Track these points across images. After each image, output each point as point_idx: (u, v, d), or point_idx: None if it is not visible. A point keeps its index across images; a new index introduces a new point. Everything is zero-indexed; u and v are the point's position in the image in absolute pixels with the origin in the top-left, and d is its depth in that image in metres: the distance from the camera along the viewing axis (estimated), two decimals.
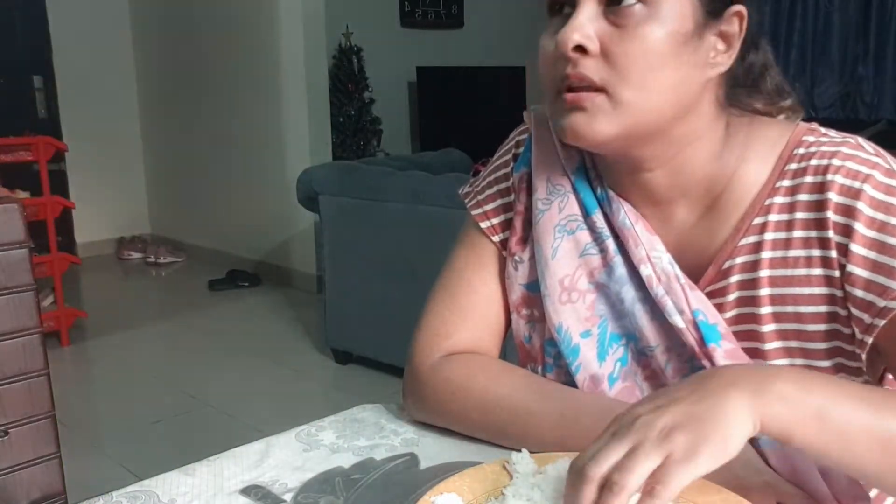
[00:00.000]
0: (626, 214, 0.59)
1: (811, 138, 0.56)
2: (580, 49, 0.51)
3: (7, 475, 0.98)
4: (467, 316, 0.66)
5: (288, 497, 0.55)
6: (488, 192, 0.68)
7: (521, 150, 0.67)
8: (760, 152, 0.57)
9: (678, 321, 0.56)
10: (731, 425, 0.39)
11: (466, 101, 4.15)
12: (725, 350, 0.55)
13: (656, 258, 0.57)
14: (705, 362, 0.55)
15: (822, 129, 0.57)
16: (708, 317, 0.55)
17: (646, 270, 0.57)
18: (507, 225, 0.66)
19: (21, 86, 3.67)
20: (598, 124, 0.52)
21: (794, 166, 0.55)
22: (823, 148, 0.54)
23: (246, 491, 0.56)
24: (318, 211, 2.42)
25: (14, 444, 0.97)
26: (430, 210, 2.12)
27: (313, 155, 3.29)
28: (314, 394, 2.38)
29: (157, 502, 0.55)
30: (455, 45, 4.26)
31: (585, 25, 0.50)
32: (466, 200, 0.69)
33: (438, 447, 0.62)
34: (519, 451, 0.50)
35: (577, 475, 0.40)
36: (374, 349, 2.40)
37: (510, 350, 0.69)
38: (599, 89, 0.51)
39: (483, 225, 0.67)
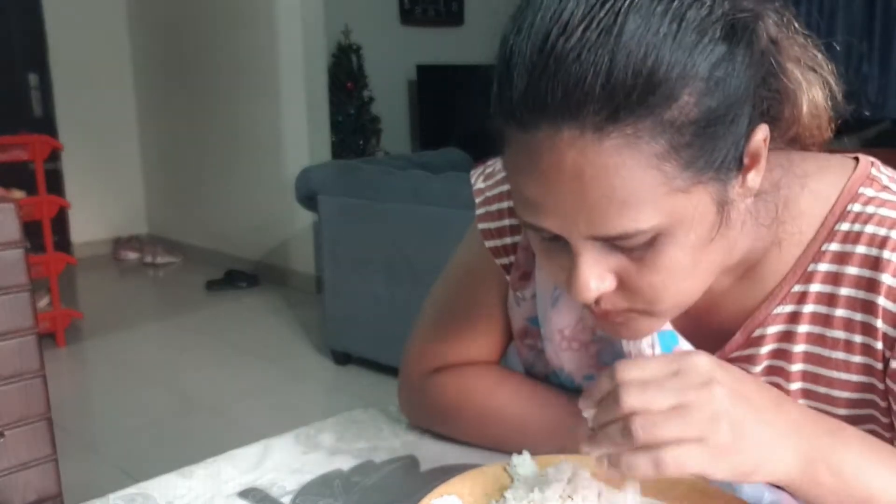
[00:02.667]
0: None
1: (870, 191, 0.48)
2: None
3: (2, 477, 0.97)
4: (465, 328, 0.62)
5: (286, 500, 0.54)
6: (498, 205, 0.60)
7: None
8: (803, 209, 0.48)
9: None
10: (767, 465, 0.39)
11: (467, 99, 4.15)
12: None
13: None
14: None
15: (885, 177, 0.49)
16: None
17: (626, 346, 0.53)
18: (513, 248, 0.60)
19: (17, 84, 3.66)
20: (643, 330, 0.47)
21: (846, 227, 0.47)
22: (883, 211, 0.47)
23: (244, 493, 0.55)
24: (318, 211, 2.42)
25: (9, 447, 0.96)
26: (430, 210, 2.11)
27: (312, 154, 3.28)
28: (313, 395, 2.37)
29: None
30: (455, 43, 4.25)
31: (598, 268, 0.42)
32: (477, 200, 0.61)
33: (438, 449, 0.61)
34: (520, 453, 0.49)
35: (615, 391, 0.39)
36: (373, 350, 2.39)
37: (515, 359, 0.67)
38: (627, 310, 0.45)
39: (489, 244, 0.61)
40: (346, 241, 2.36)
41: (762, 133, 0.42)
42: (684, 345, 0.53)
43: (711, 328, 0.53)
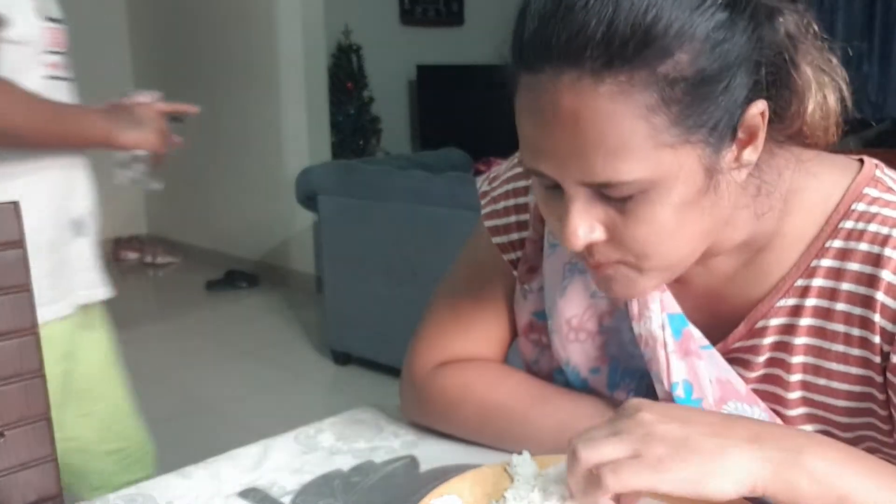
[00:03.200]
0: None
1: (874, 192, 0.49)
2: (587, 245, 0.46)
3: (3, 477, 0.97)
4: (469, 327, 0.63)
5: (286, 499, 0.54)
6: (504, 203, 0.62)
7: None
8: (807, 205, 0.50)
9: (658, 389, 0.53)
10: (719, 474, 0.39)
11: (467, 99, 4.15)
12: None
13: (647, 318, 0.53)
14: None
15: (889, 179, 0.50)
16: (694, 389, 0.52)
17: (636, 328, 0.54)
18: (521, 244, 0.62)
19: None
20: (635, 287, 0.48)
21: (849, 224, 0.49)
22: (886, 211, 0.48)
23: (244, 493, 0.55)
24: (318, 211, 2.42)
25: (9, 446, 0.96)
26: (430, 210, 2.12)
27: (312, 154, 3.28)
28: (313, 395, 2.38)
29: None
30: (455, 43, 4.26)
31: (584, 221, 0.44)
32: (482, 202, 0.64)
33: (438, 449, 0.61)
34: (520, 453, 0.49)
35: (571, 451, 0.42)
36: (373, 350, 2.39)
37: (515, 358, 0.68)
38: (619, 262, 0.47)
39: (496, 240, 0.62)
40: (346, 241, 2.36)
41: (760, 107, 0.44)
42: (693, 330, 0.53)
43: (716, 317, 0.54)
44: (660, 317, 0.53)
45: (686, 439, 0.40)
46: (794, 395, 0.52)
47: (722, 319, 0.54)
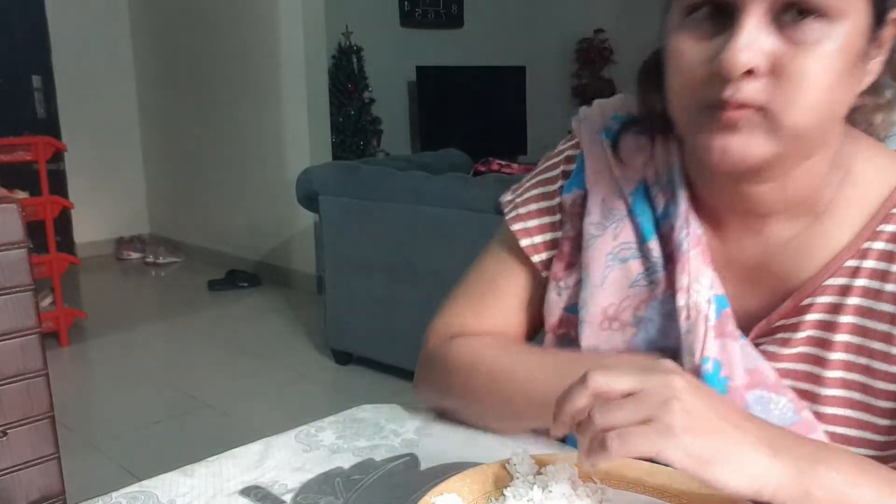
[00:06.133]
0: (688, 237, 0.54)
1: None
2: (748, 71, 0.44)
3: (6, 476, 0.98)
4: (486, 302, 0.65)
5: (288, 498, 0.55)
6: (532, 206, 0.63)
7: (572, 167, 0.62)
8: (866, 179, 0.52)
9: (685, 363, 0.53)
10: (728, 464, 0.38)
11: (467, 101, 4.15)
12: None
13: (695, 291, 0.53)
14: None
15: None
16: (723, 368, 0.52)
17: (681, 300, 0.54)
18: (550, 245, 0.63)
19: (20, 86, 3.67)
20: (754, 147, 0.46)
21: None
22: None
23: (245, 492, 0.56)
24: (318, 211, 2.42)
25: (13, 445, 0.97)
26: (430, 210, 2.12)
27: (313, 155, 3.28)
28: (314, 394, 2.38)
29: (157, 503, 0.54)
30: (455, 45, 4.26)
31: (755, 42, 0.44)
32: (506, 210, 0.65)
33: (439, 448, 0.62)
34: (519, 452, 0.50)
35: (589, 414, 0.40)
36: (374, 349, 2.39)
37: None
38: (759, 108, 0.45)
39: (523, 243, 0.63)
40: (346, 242, 2.36)
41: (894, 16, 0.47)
42: (731, 316, 0.53)
43: (761, 292, 0.54)
44: (708, 292, 0.53)
45: (708, 419, 0.39)
46: (834, 374, 0.51)
47: (766, 295, 0.54)
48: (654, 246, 0.57)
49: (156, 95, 4.07)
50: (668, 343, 0.55)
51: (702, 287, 0.53)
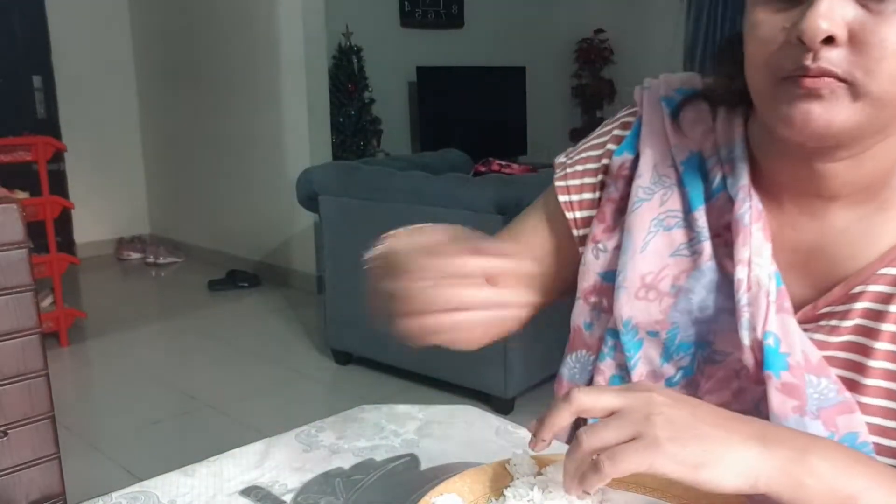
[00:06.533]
0: (750, 210, 0.54)
1: None
2: (827, 39, 0.44)
3: (6, 476, 0.98)
4: (504, 239, 0.65)
5: (288, 498, 0.55)
6: (578, 168, 0.65)
7: (626, 132, 0.63)
8: None
9: (745, 336, 0.52)
10: (719, 464, 0.39)
11: (467, 101, 4.15)
12: (783, 382, 0.51)
13: (757, 265, 0.53)
14: (757, 387, 0.52)
15: None
16: (783, 344, 0.51)
17: (741, 273, 0.53)
18: (588, 204, 0.64)
19: (20, 86, 3.67)
20: (836, 114, 0.45)
21: None
22: None
23: (246, 492, 0.56)
24: (319, 211, 2.42)
25: (13, 445, 0.97)
26: (430, 210, 2.12)
27: (313, 155, 3.28)
28: (314, 394, 2.38)
29: (157, 503, 0.54)
30: (455, 45, 4.26)
31: (835, 10, 0.43)
32: (557, 171, 0.66)
33: (439, 448, 0.62)
34: (519, 452, 0.50)
35: (576, 438, 0.42)
36: (374, 350, 2.39)
37: (560, 337, 0.67)
38: (840, 79, 0.45)
39: (561, 199, 0.65)
40: (346, 242, 2.36)
41: None
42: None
43: (811, 277, 0.54)
44: (769, 267, 0.53)
45: (691, 426, 0.40)
46: (879, 364, 0.51)
47: (815, 280, 0.54)
48: (700, 216, 0.56)
49: (156, 95, 4.07)
50: (705, 315, 0.55)
51: (763, 261, 0.53)
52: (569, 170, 0.65)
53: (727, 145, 0.57)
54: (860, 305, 0.51)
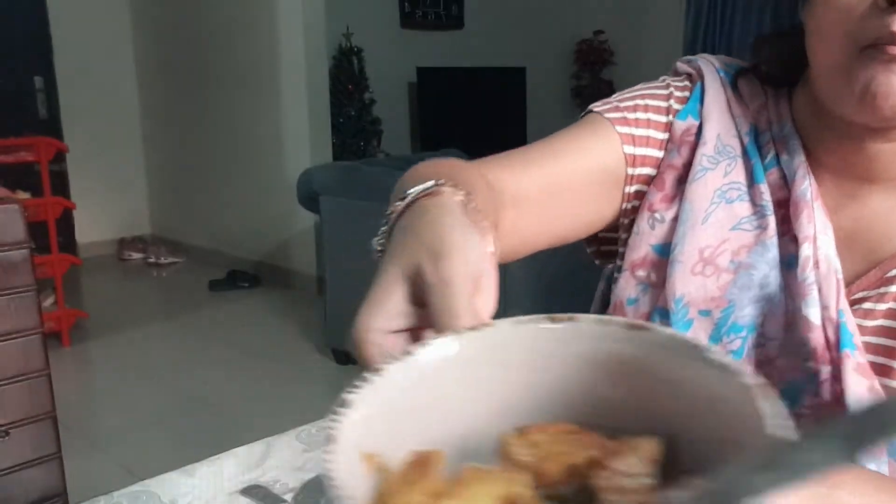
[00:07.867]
0: (811, 187, 0.52)
1: None
2: None
3: (7, 475, 0.98)
4: (534, 170, 0.55)
5: (289, 497, 0.55)
6: (640, 115, 0.57)
7: (685, 94, 0.58)
8: None
9: (814, 315, 0.50)
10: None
11: (467, 101, 4.15)
12: (858, 363, 0.49)
13: (824, 242, 0.51)
14: (826, 367, 0.50)
15: None
16: (849, 323, 0.50)
17: (807, 250, 0.51)
18: (645, 141, 0.57)
19: (22, 87, 3.68)
20: None
21: None
22: None
23: (246, 491, 0.56)
24: (319, 211, 2.42)
25: (14, 445, 0.97)
26: None
27: (314, 155, 3.29)
28: (314, 394, 2.38)
29: (158, 503, 0.55)
30: (455, 46, 4.26)
31: None
32: (603, 106, 0.58)
33: None
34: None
35: None
36: None
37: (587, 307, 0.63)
38: None
39: (619, 129, 0.56)
40: (347, 242, 2.36)
41: None
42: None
43: (847, 258, 0.52)
44: (833, 247, 0.51)
45: None
46: None
47: (851, 263, 0.52)
48: (764, 189, 0.54)
49: (157, 96, 4.08)
50: (767, 292, 0.53)
51: (829, 239, 0.51)
52: (629, 115, 0.57)
53: (778, 123, 0.56)
54: (895, 288, 0.50)
